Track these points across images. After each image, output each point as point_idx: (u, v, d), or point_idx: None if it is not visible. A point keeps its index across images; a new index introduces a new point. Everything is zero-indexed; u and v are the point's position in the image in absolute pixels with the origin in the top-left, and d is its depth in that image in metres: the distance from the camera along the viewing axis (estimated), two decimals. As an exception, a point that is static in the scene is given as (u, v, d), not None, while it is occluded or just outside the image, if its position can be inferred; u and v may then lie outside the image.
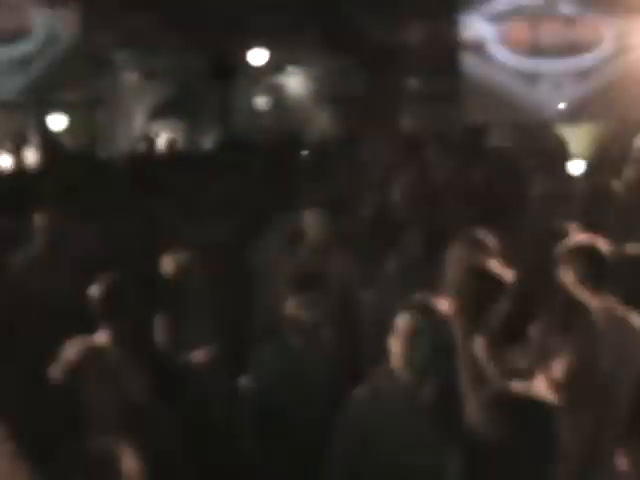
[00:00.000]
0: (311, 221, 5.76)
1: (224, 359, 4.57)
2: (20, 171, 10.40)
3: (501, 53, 12.62)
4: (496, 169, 8.13)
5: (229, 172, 8.37)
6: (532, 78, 12.42)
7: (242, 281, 5.86)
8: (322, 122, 15.98)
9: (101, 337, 3.83)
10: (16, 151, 10.98)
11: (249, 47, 15.38)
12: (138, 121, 15.66)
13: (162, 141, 14.69)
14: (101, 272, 4.15)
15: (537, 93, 12.41)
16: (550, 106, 12.32)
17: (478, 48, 12.56)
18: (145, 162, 10.87)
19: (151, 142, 14.27)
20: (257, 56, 15.59)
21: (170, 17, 14.15)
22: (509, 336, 3.66)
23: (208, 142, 15.15)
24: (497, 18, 12.62)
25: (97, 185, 7.85)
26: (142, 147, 12.51)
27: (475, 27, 12.58)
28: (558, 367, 3.28)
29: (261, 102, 16.77)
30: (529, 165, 8.26)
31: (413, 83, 15.11)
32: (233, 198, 7.21)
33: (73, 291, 4.54)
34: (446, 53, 13.00)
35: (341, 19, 14.49)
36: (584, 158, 10.25)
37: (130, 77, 15.81)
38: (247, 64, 15.56)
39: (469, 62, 12.63)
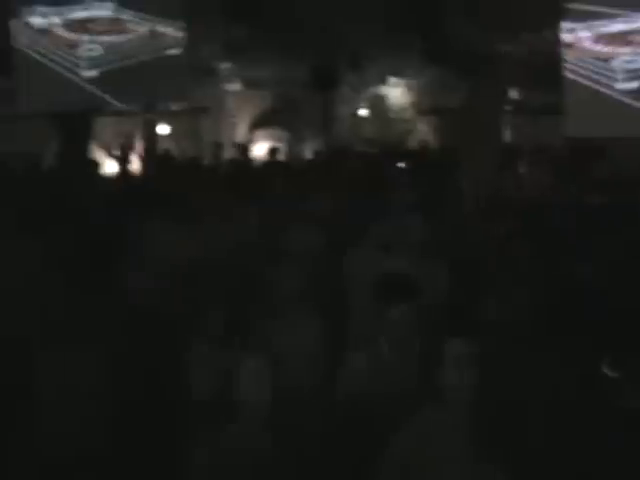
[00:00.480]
0: (407, 228, 5.79)
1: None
2: (127, 178, 10.62)
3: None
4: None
5: (330, 181, 8.42)
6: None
7: (339, 289, 5.88)
8: (423, 133, 15.94)
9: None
10: (123, 158, 11.22)
11: (351, 58, 15.45)
12: (241, 130, 15.86)
13: (264, 150, 14.86)
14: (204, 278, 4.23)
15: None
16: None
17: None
18: (247, 170, 11.00)
19: (252, 150, 14.44)
20: (359, 67, 15.65)
21: (273, 28, 14.33)
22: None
23: (310, 152, 15.25)
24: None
25: (201, 192, 7.97)
26: (244, 155, 12.65)
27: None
28: None
29: (363, 113, 16.80)
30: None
31: (516, 94, 14.96)
32: (332, 207, 7.26)
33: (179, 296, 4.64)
34: (551, 64, 12.86)
35: (444, 30, 14.46)
36: None
37: (233, 87, 16.02)
38: (349, 74, 15.64)
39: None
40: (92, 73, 14.04)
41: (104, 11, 14.30)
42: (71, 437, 4.07)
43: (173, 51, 14.49)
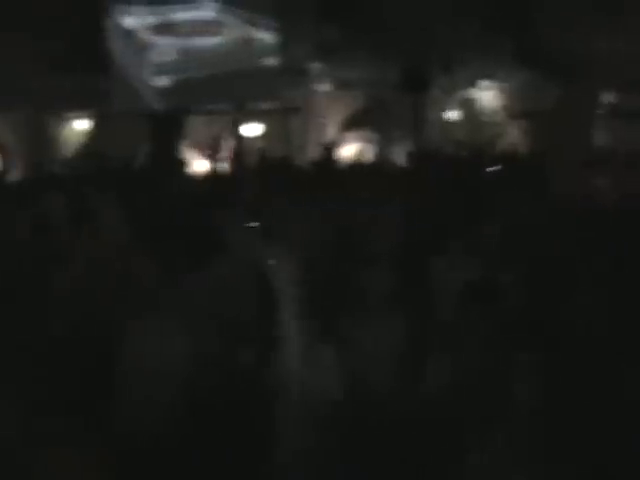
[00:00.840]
0: (488, 235, 5.73)
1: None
2: (216, 177, 10.74)
3: None
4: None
5: (418, 184, 8.39)
6: None
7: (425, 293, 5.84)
8: (513, 136, 15.78)
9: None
10: (213, 157, 11.37)
11: (443, 60, 15.38)
12: (330, 131, 15.92)
13: (353, 151, 14.91)
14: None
15: None
16: None
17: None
18: (335, 171, 11.02)
19: (341, 151, 14.48)
20: (450, 69, 15.57)
21: (365, 29, 14.34)
22: None
23: (399, 154, 15.23)
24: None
25: (290, 192, 8.02)
26: (333, 156, 12.69)
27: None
28: None
29: (454, 115, 16.71)
30: None
31: (610, 98, 14.70)
32: (420, 209, 7.22)
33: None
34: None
35: (535, 32, 14.27)
36: None
37: (324, 87, 16.09)
38: (440, 77, 15.56)
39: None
40: (169, 89, 14.09)
41: (202, 12, 14.43)
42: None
43: (265, 52, 14.60)
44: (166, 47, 14.29)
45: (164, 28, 14.27)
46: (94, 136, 15.01)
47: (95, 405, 4.07)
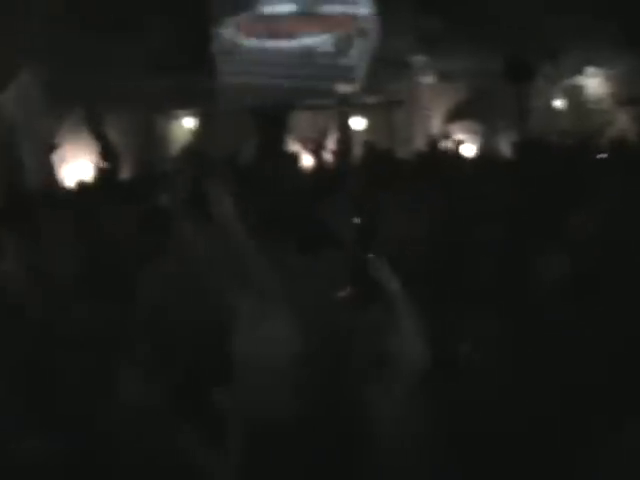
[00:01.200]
0: (603, 224, 5.67)
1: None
2: (322, 170, 10.83)
3: None
4: None
5: (523, 175, 8.33)
6: None
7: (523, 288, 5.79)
8: (622, 124, 15.49)
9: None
10: (318, 151, 11.44)
11: (547, 48, 15.19)
12: (434, 123, 15.90)
13: (457, 143, 14.82)
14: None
15: None
16: None
17: None
18: (441, 163, 11.01)
19: (446, 143, 14.43)
20: (555, 57, 15.37)
21: (467, 19, 14.26)
22: None
23: (505, 145, 15.11)
24: None
25: (395, 185, 8.05)
26: (437, 148, 12.66)
27: None
28: None
29: (559, 104, 16.50)
30: None
31: None
32: (522, 201, 7.16)
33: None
34: None
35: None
36: None
37: (427, 80, 16.06)
38: (544, 65, 15.38)
39: None
40: (271, 85, 14.14)
41: (300, 6, 14.48)
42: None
43: (367, 45, 14.58)
44: (265, 44, 14.43)
45: (263, 25, 14.39)
46: (202, 134, 15.30)
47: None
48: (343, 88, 14.35)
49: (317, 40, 14.38)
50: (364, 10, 14.52)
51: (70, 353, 4.35)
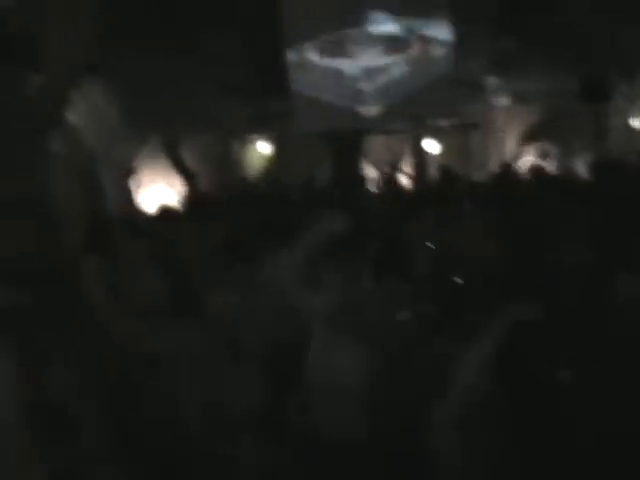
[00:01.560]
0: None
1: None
2: (398, 194, 10.85)
3: None
4: None
5: (600, 197, 8.22)
6: None
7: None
8: None
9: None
10: (394, 175, 11.49)
11: (623, 67, 15.01)
12: (510, 145, 15.80)
13: (533, 164, 14.69)
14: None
15: None
16: None
17: None
18: (517, 185, 10.93)
19: (521, 165, 14.32)
20: (632, 76, 15.17)
21: (541, 39, 14.17)
22: None
23: (581, 166, 14.94)
24: None
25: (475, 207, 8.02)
26: (513, 170, 12.58)
27: None
28: None
29: (637, 123, 16.27)
30: None
31: None
32: (600, 225, 7.07)
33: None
34: None
35: None
36: None
37: (501, 101, 15.99)
38: (621, 84, 15.19)
39: None
40: (347, 109, 14.08)
41: (376, 28, 14.43)
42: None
43: (441, 67, 14.55)
44: (341, 67, 14.43)
45: (338, 48, 14.38)
46: (277, 157, 15.43)
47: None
48: (416, 111, 14.33)
49: (390, 62, 14.37)
50: (437, 32, 14.50)
51: (151, 372, 4.42)
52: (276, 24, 13.97)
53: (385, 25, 14.40)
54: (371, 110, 14.32)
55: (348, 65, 14.43)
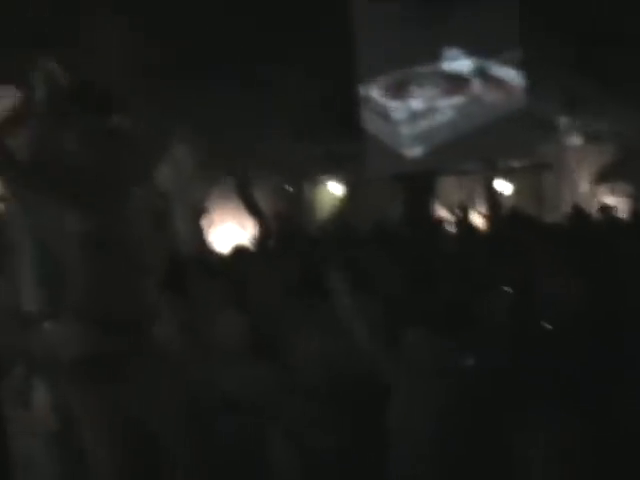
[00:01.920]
0: None
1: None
2: (470, 236, 10.80)
3: None
4: None
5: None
6: None
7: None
8: None
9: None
10: (466, 216, 11.43)
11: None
12: (583, 185, 15.67)
13: (607, 204, 14.56)
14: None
15: None
16: None
17: None
18: (591, 227, 10.82)
19: (595, 206, 14.19)
20: None
21: (612, 79, 14.07)
22: None
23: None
24: None
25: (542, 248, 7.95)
26: (587, 211, 12.45)
27: None
28: None
29: None
30: None
31: None
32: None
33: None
34: None
35: None
36: None
37: (574, 141, 15.88)
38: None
39: None
40: (417, 150, 13.92)
41: (447, 66, 14.26)
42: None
43: (513, 107, 14.41)
44: (409, 109, 14.31)
45: (405, 89, 14.27)
46: (348, 198, 15.50)
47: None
48: (488, 152, 14.26)
49: (459, 102, 14.29)
50: (509, 72, 14.40)
51: (229, 412, 4.46)
52: (349, 65, 13.96)
53: (455, 63, 14.29)
54: (442, 153, 14.23)
55: (414, 108, 14.30)
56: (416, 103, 14.09)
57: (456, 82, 14.14)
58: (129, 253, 3.65)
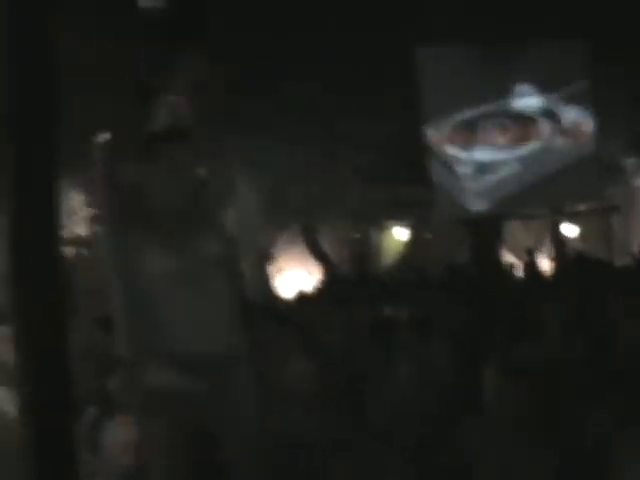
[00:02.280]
0: None
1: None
2: (536, 279, 10.78)
3: None
4: None
5: None
6: None
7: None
8: None
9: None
10: (532, 261, 11.42)
11: None
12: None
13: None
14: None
15: None
16: None
17: None
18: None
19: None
20: None
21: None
22: None
23: None
24: None
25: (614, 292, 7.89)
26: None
27: None
28: None
29: None
30: None
31: None
32: None
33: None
34: None
35: None
36: None
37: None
38: None
39: None
40: (482, 205, 13.66)
41: (514, 109, 14.00)
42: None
43: (583, 152, 14.15)
44: (474, 162, 14.03)
45: (472, 132, 14.01)
46: (414, 242, 15.50)
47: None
48: (554, 200, 14.08)
49: (528, 153, 14.04)
50: (576, 114, 14.21)
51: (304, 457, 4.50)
52: (417, 110, 13.81)
53: (522, 100, 14.00)
54: (510, 199, 13.97)
55: (480, 155, 14.03)
56: (481, 154, 13.83)
57: (523, 124, 13.91)
58: (211, 295, 3.74)
